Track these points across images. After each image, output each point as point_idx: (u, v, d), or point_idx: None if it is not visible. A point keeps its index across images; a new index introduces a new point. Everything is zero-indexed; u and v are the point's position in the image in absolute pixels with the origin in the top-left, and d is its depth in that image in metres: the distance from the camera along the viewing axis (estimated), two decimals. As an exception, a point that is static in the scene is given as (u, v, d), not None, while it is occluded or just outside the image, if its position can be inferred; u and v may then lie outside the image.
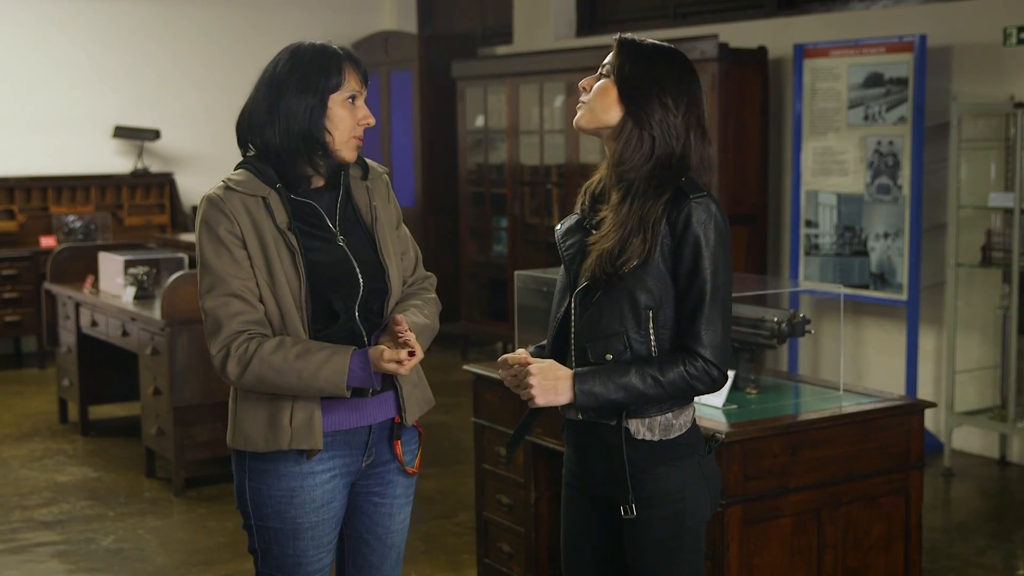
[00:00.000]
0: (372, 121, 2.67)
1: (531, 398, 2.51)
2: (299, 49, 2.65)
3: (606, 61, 2.57)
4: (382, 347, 2.55)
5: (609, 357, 2.50)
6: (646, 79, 2.51)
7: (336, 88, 2.62)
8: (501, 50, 9.35)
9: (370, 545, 2.79)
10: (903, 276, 6.22)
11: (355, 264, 2.65)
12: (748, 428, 3.31)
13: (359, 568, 2.81)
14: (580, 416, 2.58)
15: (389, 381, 2.70)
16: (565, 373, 2.51)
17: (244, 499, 2.69)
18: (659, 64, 2.52)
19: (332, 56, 2.63)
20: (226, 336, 2.56)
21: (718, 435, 2.82)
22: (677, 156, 2.50)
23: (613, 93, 2.53)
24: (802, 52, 6.63)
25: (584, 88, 2.59)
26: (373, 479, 2.75)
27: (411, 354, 2.52)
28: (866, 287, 6.40)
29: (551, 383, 2.50)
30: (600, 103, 2.54)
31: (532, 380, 2.49)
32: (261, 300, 2.59)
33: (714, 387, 2.51)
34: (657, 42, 2.57)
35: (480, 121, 8.70)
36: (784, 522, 3.37)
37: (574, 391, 2.49)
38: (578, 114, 2.59)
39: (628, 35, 2.58)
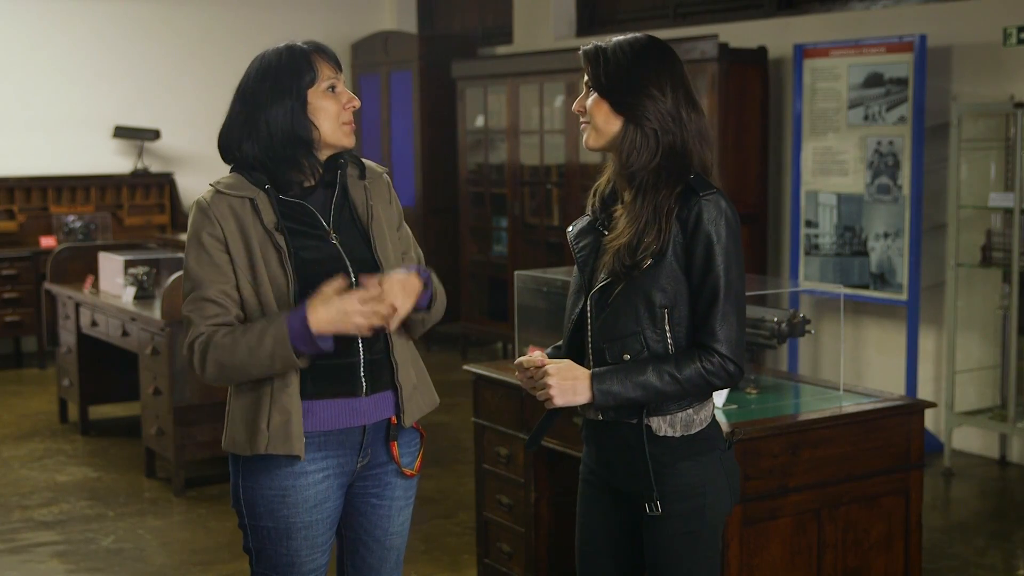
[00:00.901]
0: (357, 103, 2.67)
1: (549, 398, 2.51)
2: (264, 57, 2.66)
3: (585, 78, 2.59)
4: (324, 291, 2.48)
5: (627, 357, 2.51)
6: (626, 81, 2.52)
7: (312, 83, 2.62)
8: (501, 50, 9.35)
9: (368, 547, 2.78)
10: (903, 276, 6.22)
11: (347, 262, 2.64)
12: (748, 428, 3.31)
13: (358, 569, 2.80)
14: (600, 416, 2.58)
15: (389, 381, 2.69)
16: (583, 373, 2.52)
17: (238, 498, 2.69)
18: (631, 61, 2.53)
19: (299, 54, 2.64)
20: (193, 336, 2.58)
21: (738, 430, 2.81)
22: (679, 139, 2.52)
23: (605, 105, 2.55)
24: (802, 52, 6.63)
25: (579, 111, 2.61)
26: (370, 480, 2.74)
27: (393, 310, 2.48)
28: (866, 287, 6.40)
29: (569, 383, 2.50)
30: (599, 118, 2.56)
31: (550, 381, 2.50)
32: (243, 303, 2.59)
33: (731, 382, 2.52)
34: (620, 39, 2.58)
35: (480, 121, 8.70)
36: (784, 522, 3.37)
37: (592, 391, 2.50)
38: (584, 136, 2.61)
39: (590, 45, 2.59)
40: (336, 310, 2.47)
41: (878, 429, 3.52)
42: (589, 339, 2.58)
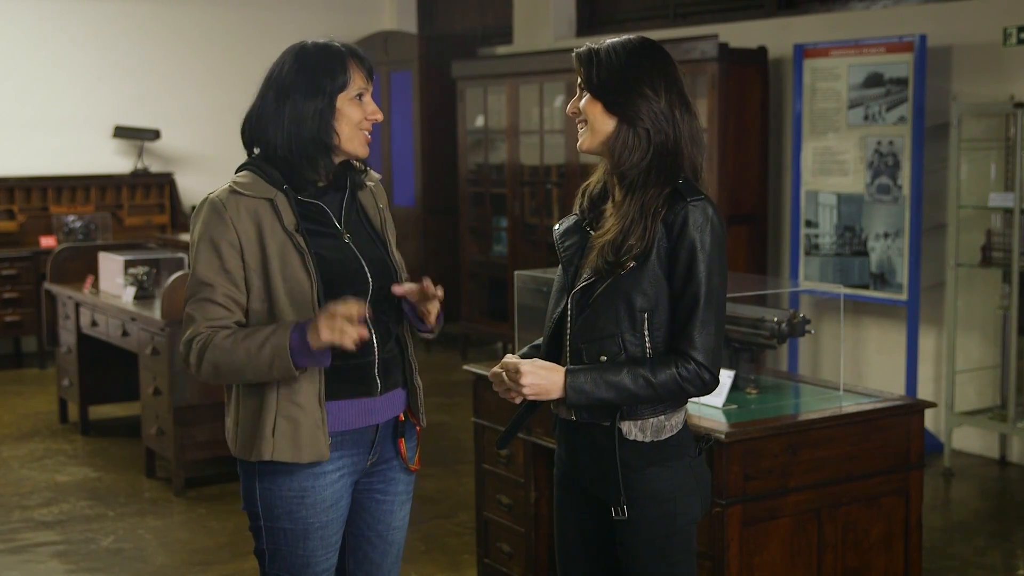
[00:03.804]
0: (380, 116, 2.67)
1: (519, 388, 2.50)
2: (303, 51, 2.64)
3: (579, 80, 2.60)
4: (323, 315, 2.48)
5: (604, 359, 2.52)
6: (619, 81, 2.53)
7: (343, 88, 2.62)
8: (501, 50, 9.35)
9: (371, 542, 2.80)
10: (903, 276, 6.22)
11: (362, 261, 2.66)
12: (748, 428, 3.31)
13: (360, 564, 2.81)
14: (574, 417, 2.58)
15: (399, 379, 2.71)
16: (558, 369, 2.52)
17: (254, 500, 2.68)
18: (623, 61, 2.54)
19: (336, 56, 2.63)
20: (192, 333, 2.58)
21: (711, 435, 2.82)
22: (671, 139, 2.53)
23: (599, 106, 2.56)
24: (802, 52, 6.63)
25: (573, 113, 2.61)
26: (376, 476, 2.76)
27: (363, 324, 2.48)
28: (866, 287, 6.40)
29: (543, 376, 2.50)
30: (594, 119, 2.56)
31: (524, 380, 2.50)
32: (249, 308, 2.59)
33: (705, 390, 2.52)
34: (613, 40, 2.59)
35: (480, 121, 8.70)
36: (784, 522, 3.37)
37: (565, 387, 2.50)
38: (580, 139, 2.61)
39: (583, 47, 2.59)
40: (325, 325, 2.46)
41: (878, 429, 3.52)
42: (568, 338, 2.59)
